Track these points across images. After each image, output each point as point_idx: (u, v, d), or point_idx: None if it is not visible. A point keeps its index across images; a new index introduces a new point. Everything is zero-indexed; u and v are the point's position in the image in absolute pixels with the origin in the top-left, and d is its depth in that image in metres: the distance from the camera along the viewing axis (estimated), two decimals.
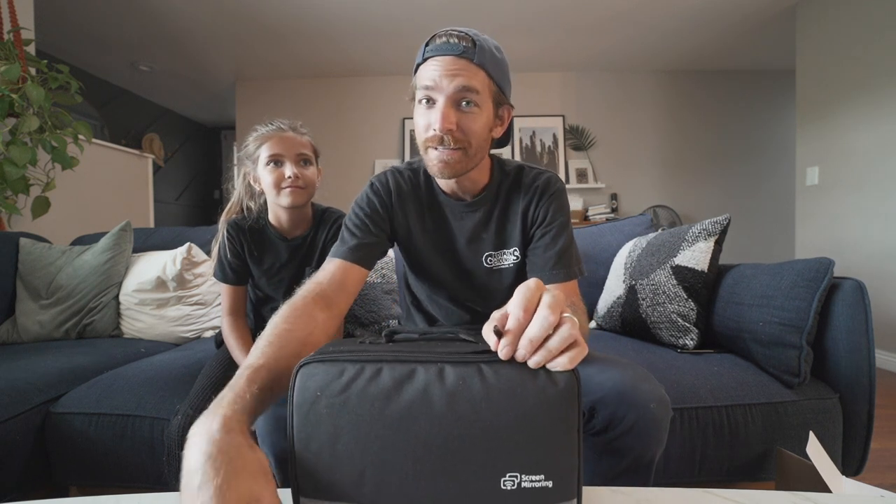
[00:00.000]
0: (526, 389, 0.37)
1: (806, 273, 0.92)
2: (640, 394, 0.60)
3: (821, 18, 2.74)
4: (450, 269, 0.83)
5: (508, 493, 0.36)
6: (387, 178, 0.82)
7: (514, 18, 3.14)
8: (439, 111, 0.66)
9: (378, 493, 0.37)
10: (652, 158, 4.10)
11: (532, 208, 0.78)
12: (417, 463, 0.36)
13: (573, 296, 0.73)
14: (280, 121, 1.01)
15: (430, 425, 0.36)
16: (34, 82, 1.70)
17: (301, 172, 0.98)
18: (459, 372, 0.38)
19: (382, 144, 4.12)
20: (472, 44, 0.66)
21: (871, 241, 2.45)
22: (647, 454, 0.61)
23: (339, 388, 0.38)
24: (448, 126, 0.65)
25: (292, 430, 0.38)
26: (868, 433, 0.91)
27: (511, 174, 0.81)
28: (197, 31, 3.27)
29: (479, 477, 0.36)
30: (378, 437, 0.37)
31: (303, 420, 0.38)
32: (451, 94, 0.66)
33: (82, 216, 2.26)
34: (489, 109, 0.69)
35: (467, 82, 0.65)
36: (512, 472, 0.36)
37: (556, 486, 0.36)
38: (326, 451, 0.37)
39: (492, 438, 0.36)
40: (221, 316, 1.07)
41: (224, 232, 1.05)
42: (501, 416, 0.36)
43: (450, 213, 0.81)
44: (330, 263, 0.73)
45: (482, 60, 0.66)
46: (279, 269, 1.06)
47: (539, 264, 0.76)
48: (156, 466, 0.94)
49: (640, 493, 0.47)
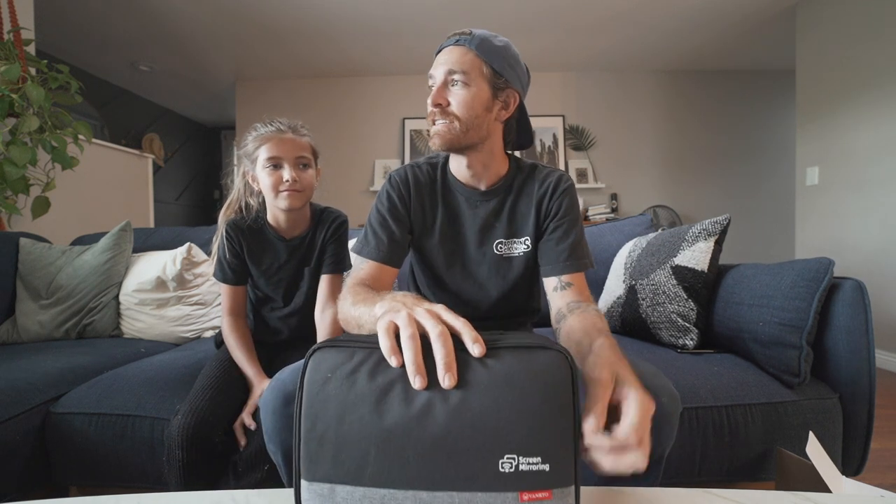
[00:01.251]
0: (523, 375, 0.39)
1: (806, 273, 0.92)
2: (652, 389, 0.59)
3: (821, 18, 2.74)
4: (456, 258, 0.86)
5: (507, 476, 0.37)
6: (405, 172, 0.86)
7: (514, 18, 3.14)
8: (434, 89, 0.75)
9: (381, 475, 0.37)
10: (652, 158, 4.10)
11: (546, 201, 0.82)
12: (420, 443, 0.37)
13: (584, 288, 0.77)
14: (280, 121, 1.00)
15: (432, 407, 0.38)
16: (34, 82, 1.70)
17: (299, 175, 0.97)
18: (463, 358, 0.40)
19: (382, 144, 4.12)
20: (468, 34, 0.74)
21: (871, 241, 2.45)
22: (658, 449, 0.61)
23: (349, 370, 0.40)
24: (437, 101, 0.74)
25: (300, 410, 0.40)
26: (868, 433, 0.91)
27: (526, 169, 0.86)
28: (197, 31, 3.27)
29: (477, 458, 0.37)
30: (383, 417, 0.38)
31: (311, 399, 0.40)
32: (442, 77, 0.74)
33: (82, 216, 2.26)
34: (482, 88, 0.74)
35: (454, 65, 0.73)
36: (510, 454, 0.37)
37: (553, 470, 0.37)
38: (332, 431, 0.38)
39: (490, 421, 0.38)
40: (222, 316, 1.07)
41: (223, 232, 1.04)
42: (500, 400, 0.38)
43: (464, 202, 0.84)
44: (364, 263, 0.80)
45: (472, 45, 0.74)
46: (278, 269, 1.06)
47: (552, 256, 0.79)
48: (156, 466, 0.94)
49: (640, 493, 0.47)
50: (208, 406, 0.87)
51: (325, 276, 1.03)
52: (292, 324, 1.10)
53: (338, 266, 1.04)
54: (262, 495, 0.49)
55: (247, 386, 0.97)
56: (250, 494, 0.50)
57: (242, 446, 0.87)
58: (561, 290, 0.76)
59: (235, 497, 0.49)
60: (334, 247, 1.05)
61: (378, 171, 4.04)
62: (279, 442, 0.62)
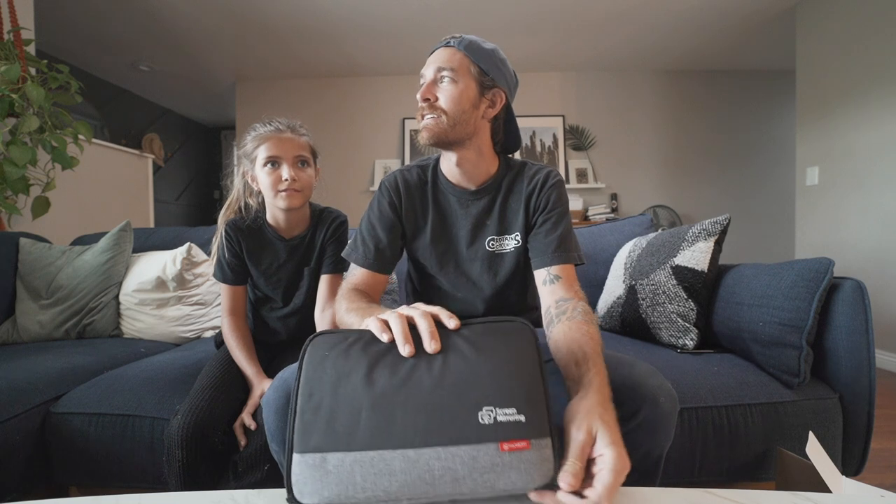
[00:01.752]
0: (493, 340, 0.47)
1: (806, 273, 0.92)
2: (649, 389, 0.60)
3: (821, 18, 2.74)
4: (449, 258, 0.87)
5: (487, 428, 0.41)
6: (394, 177, 0.88)
7: (514, 18, 3.14)
8: (422, 87, 0.79)
9: (371, 437, 0.40)
10: (652, 158, 4.10)
11: (535, 196, 0.83)
12: (407, 403, 0.42)
13: (573, 281, 0.77)
14: (279, 120, 1.00)
15: (418, 370, 0.44)
16: (34, 82, 1.70)
17: (298, 174, 0.97)
18: (442, 332, 0.48)
19: (382, 144, 4.12)
20: (457, 37, 0.79)
21: (871, 241, 2.45)
22: (657, 449, 0.61)
23: (344, 346, 0.46)
24: (425, 95, 0.77)
25: (298, 385, 0.44)
26: (868, 433, 0.91)
27: (516, 167, 0.87)
28: (197, 32, 3.27)
29: (459, 413, 0.41)
30: (374, 384, 0.43)
31: (310, 374, 0.44)
32: (432, 74, 0.78)
33: (82, 216, 2.26)
34: (469, 85, 0.77)
35: (441, 63, 0.77)
36: (488, 405, 0.41)
37: (529, 421, 0.41)
38: (328, 399, 0.42)
39: (469, 379, 0.43)
40: (221, 316, 1.07)
41: (222, 232, 1.04)
42: (476, 362, 0.44)
43: (456, 202, 0.85)
44: (356, 269, 0.84)
45: (461, 46, 0.78)
46: (277, 269, 1.06)
47: (541, 248, 0.80)
48: (156, 466, 0.94)
49: (640, 493, 0.47)
50: (208, 406, 0.87)
51: (325, 277, 1.03)
52: (291, 324, 1.10)
53: (338, 266, 1.04)
54: (262, 495, 0.49)
55: (247, 386, 0.97)
56: (250, 494, 0.50)
57: (242, 446, 0.87)
58: (550, 284, 0.76)
59: (235, 497, 0.49)
60: (334, 247, 1.05)
61: (378, 172, 4.04)
62: (282, 441, 0.62)
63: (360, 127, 4.12)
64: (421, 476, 0.39)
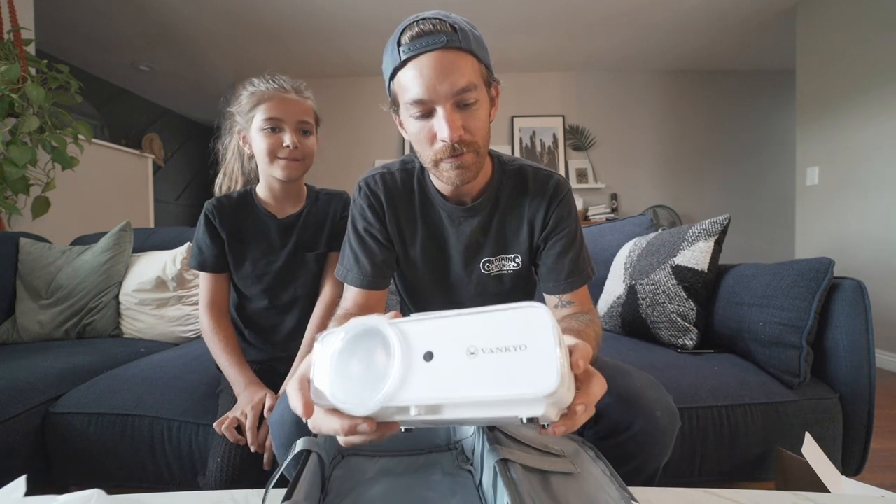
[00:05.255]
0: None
1: (806, 273, 0.92)
2: (646, 401, 0.59)
3: (821, 18, 2.74)
4: (440, 278, 0.79)
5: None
6: (375, 180, 0.76)
7: (514, 18, 3.14)
8: (444, 120, 0.58)
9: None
10: (652, 158, 4.09)
11: (541, 216, 0.73)
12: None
13: (586, 300, 0.73)
14: (283, 78, 0.88)
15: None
16: (34, 82, 1.70)
17: (300, 142, 0.86)
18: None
19: (382, 144, 4.12)
20: (451, 29, 0.58)
21: (871, 241, 2.45)
22: (651, 463, 0.60)
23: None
24: (458, 134, 0.59)
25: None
26: (868, 433, 0.91)
27: (513, 176, 0.75)
28: (197, 32, 3.27)
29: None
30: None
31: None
32: (451, 99, 0.58)
33: (82, 216, 2.26)
34: (485, 97, 0.63)
35: (463, 80, 0.58)
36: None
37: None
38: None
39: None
40: (200, 312, 0.93)
41: (204, 212, 0.92)
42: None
43: (446, 218, 0.75)
44: (349, 291, 0.75)
45: (468, 45, 0.59)
46: (268, 252, 0.93)
47: (552, 275, 0.73)
48: (156, 466, 0.94)
49: (640, 494, 0.47)
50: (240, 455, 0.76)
51: (333, 255, 0.94)
52: (289, 321, 0.96)
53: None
54: (262, 495, 0.49)
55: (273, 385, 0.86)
56: (250, 494, 0.50)
57: (243, 444, 0.82)
58: (561, 308, 0.72)
59: (235, 497, 0.49)
60: (344, 224, 0.92)
61: None
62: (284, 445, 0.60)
63: (360, 127, 4.12)
64: None
